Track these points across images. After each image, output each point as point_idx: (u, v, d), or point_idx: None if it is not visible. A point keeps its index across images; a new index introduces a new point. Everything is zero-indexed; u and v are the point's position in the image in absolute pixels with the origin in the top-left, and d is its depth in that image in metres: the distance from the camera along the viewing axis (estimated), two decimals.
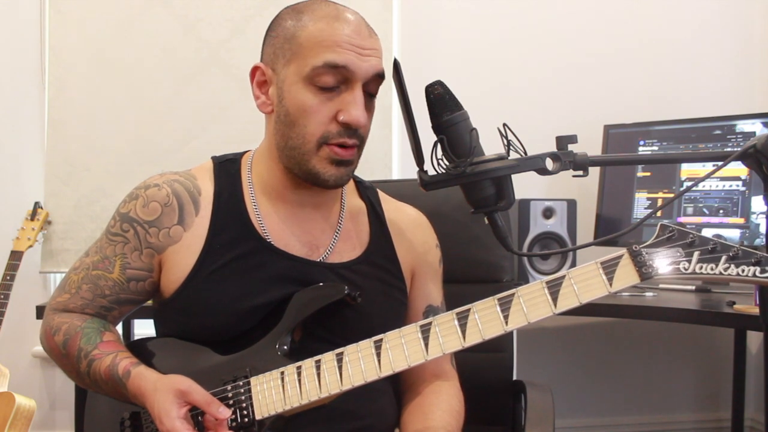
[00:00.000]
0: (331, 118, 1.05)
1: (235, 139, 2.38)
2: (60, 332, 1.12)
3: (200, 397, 0.99)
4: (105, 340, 1.10)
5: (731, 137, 2.14)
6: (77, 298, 1.13)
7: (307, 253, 1.14)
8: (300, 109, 1.06)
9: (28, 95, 2.46)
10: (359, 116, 1.04)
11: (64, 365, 1.13)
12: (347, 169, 1.09)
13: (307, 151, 1.07)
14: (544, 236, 2.25)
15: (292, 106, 1.06)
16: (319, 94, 1.05)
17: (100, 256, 1.13)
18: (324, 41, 1.04)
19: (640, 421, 2.69)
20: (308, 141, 1.06)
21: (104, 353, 1.08)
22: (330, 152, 1.06)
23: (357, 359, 0.98)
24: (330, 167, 1.07)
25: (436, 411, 1.14)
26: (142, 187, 1.14)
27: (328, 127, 1.05)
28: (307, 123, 1.05)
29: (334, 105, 1.05)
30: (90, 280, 1.13)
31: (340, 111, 1.05)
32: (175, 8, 2.44)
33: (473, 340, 0.95)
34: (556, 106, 2.58)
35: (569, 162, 0.98)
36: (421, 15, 2.57)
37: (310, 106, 1.05)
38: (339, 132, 1.05)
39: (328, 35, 1.04)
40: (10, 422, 2.06)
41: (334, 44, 1.04)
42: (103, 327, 1.12)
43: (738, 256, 0.87)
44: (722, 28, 2.66)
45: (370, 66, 1.06)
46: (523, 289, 0.94)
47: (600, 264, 0.92)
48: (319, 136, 1.05)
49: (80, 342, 1.09)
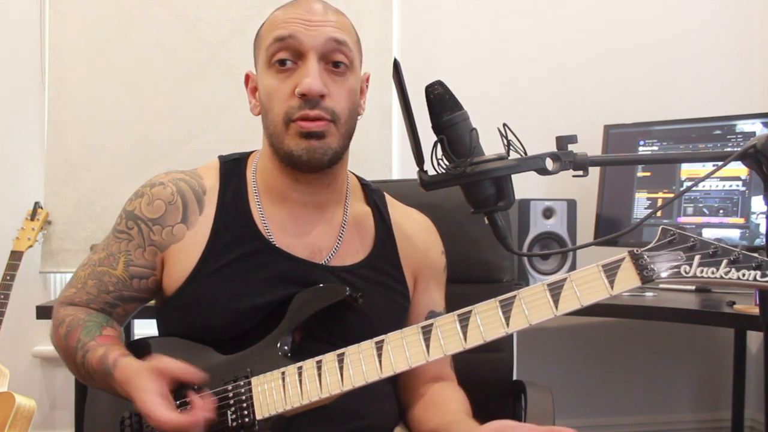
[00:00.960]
0: (290, 94, 1.07)
1: (235, 139, 2.38)
2: (64, 324, 1.13)
3: (174, 366, 0.99)
4: (104, 334, 1.10)
5: (731, 137, 2.14)
6: (83, 293, 1.15)
7: (309, 256, 1.14)
8: (267, 94, 1.09)
9: (28, 95, 2.46)
10: (311, 84, 1.04)
11: (66, 357, 1.14)
12: (320, 143, 1.07)
13: (279, 132, 1.08)
14: (544, 236, 2.25)
15: (263, 94, 1.10)
16: (278, 75, 1.08)
17: (106, 253, 1.15)
18: (274, 22, 1.09)
19: (640, 421, 2.69)
20: (277, 122, 1.08)
21: (99, 345, 1.08)
22: (296, 127, 1.07)
23: (358, 360, 0.98)
24: (300, 141, 1.07)
25: (451, 403, 1.15)
26: (148, 185, 1.15)
27: (289, 103, 1.07)
28: (273, 105, 1.08)
29: (292, 81, 1.07)
30: (95, 276, 1.14)
31: (297, 84, 1.06)
32: (175, 8, 2.44)
33: (474, 341, 0.95)
34: (556, 106, 2.58)
35: (569, 162, 0.98)
36: (421, 15, 2.57)
37: (272, 87, 1.08)
38: (299, 105, 1.06)
39: (279, 17, 1.10)
40: (10, 422, 2.06)
41: (282, 22, 1.08)
42: (105, 322, 1.13)
43: (739, 260, 0.88)
44: (722, 28, 2.66)
45: (320, 33, 1.07)
46: (524, 291, 0.94)
47: (601, 267, 0.92)
48: (284, 114, 1.07)
49: (80, 334, 1.10)
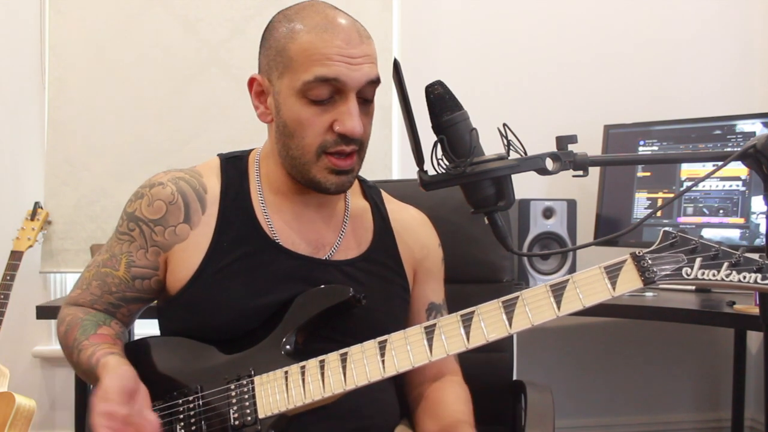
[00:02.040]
0: (326, 128, 1.06)
1: (235, 139, 2.39)
2: (64, 323, 1.14)
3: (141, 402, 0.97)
4: (98, 332, 1.11)
5: (731, 137, 2.14)
6: (87, 293, 1.16)
7: (313, 252, 1.15)
8: (296, 121, 1.06)
9: (28, 95, 2.45)
10: (354, 126, 1.04)
11: (67, 355, 1.15)
12: (348, 177, 1.10)
13: (307, 161, 1.08)
14: (544, 236, 2.25)
15: (289, 118, 1.07)
16: (313, 106, 1.05)
17: (109, 255, 1.16)
18: (313, 55, 1.03)
19: (640, 421, 2.69)
20: (307, 152, 1.07)
21: (90, 344, 1.08)
22: (329, 162, 1.07)
23: (361, 360, 0.99)
24: (330, 176, 1.08)
25: (450, 407, 1.16)
26: (147, 185, 1.15)
27: (324, 137, 1.06)
28: (304, 135, 1.06)
29: (330, 116, 1.06)
30: (99, 277, 1.15)
31: (336, 121, 1.05)
32: (175, 8, 2.44)
33: (477, 342, 0.96)
34: (556, 106, 2.58)
35: (569, 162, 0.98)
36: (421, 15, 2.57)
37: (306, 118, 1.06)
38: (336, 141, 1.06)
39: (317, 48, 1.03)
40: (10, 422, 2.06)
41: (324, 57, 1.03)
42: (102, 321, 1.13)
43: (740, 263, 0.89)
44: (722, 29, 2.66)
45: (362, 74, 1.05)
46: (526, 293, 0.95)
47: (603, 268, 0.93)
48: (317, 146, 1.06)
49: (77, 333, 1.11)
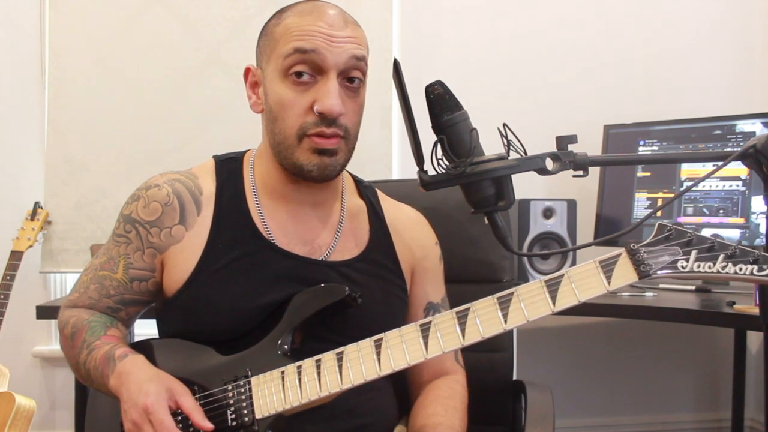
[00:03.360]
0: (307, 109, 1.05)
1: (235, 139, 2.38)
2: (69, 325, 1.15)
3: (189, 403, 1.00)
4: (108, 333, 1.12)
5: (731, 137, 2.14)
6: (85, 297, 1.16)
7: (309, 252, 1.14)
8: (279, 103, 1.07)
9: (28, 95, 2.46)
10: (333, 105, 1.04)
11: (70, 357, 1.15)
12: (331, 159, 1.08)
13: (290, 144, 1.07)
14: (544, 236, 2.25)
15: (273, 101, 1.08)
16: (294, 87, 1.06)
17: (107, 257, 1.16)
18: (294, 31, 1.06)
19: (640, 421, 2.69)
20: (289, 135, 1.07)
21: (105, 343, 1.10)
22: (311, 142, 1.06)
23: (357, 358, 0.98)
24: (312, 156, 1.07)
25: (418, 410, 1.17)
26: (143, 187, 1.15)
27: (305, 118, 1.06)
28: (286, 117, 1.07)
29: (310, 95, 1.05)
30: (97, 280, 1.15)
31: (316, 101, 1.05)
32: (175, 8, 2.44)
33: (473, 338, 0.95)
34: (556, 106, 2.58)
35: (569, 162, 0.98)
36: (421, 15, 2.57)
37: (288, 99, 1.06)
38: (316, 122, 1.05)
39: (298, 25, 1.06)
40: (10, 422, 2.06)
41: (303, 33, 1.05)
42: (110, 323, 1.14)
43: (735, 254, 0.88)
44: (722, 29, 2.66)
45: (342, 51, 1.05)
46: (522, 288, 0.95)
47: (598, 262, 0.93)
48: (298, 128, 1.06)
49: (85, 334, 1.12)
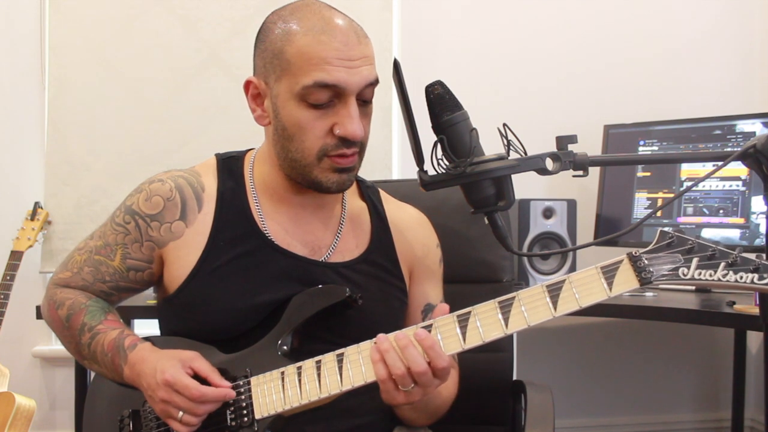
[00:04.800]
0: (327, 131, 1.05)
1: (235, 139, 2.36)
2: (64, 306, 1.15)
3: (204, 366, 1.03)
4: (108, 318, 1.15)
5: (731, 137, 2.14)
6: (78, 278, 1.17)
7: (309, 253, 1.15)
8: (296, 125, 1.06)
9: (28, 95, 2.45)
10: (355, 130, 1.04)
11: (65, 337, 1.17)
12: (349, 175, 1.10)
13: (308, 163, 1.08)
14: (544, 236, 2.25)
15: (288, 122, 1.06)
16: (312, 110, 1.05)
17: (103, 242, 1.16)
18: (312, 59, 1.02)
19: (640, 421, 2.69)
20: (308, 155, 1.07)
21: (109, 328, 1.12)
22: (331, 162, 1.07)
23: (357, 360, 0.98)
24: (332, 175, 1.08)
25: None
26: (147, 182, 1.17)
27: (325, 140, 1.06)
28: (304, 138, 1.06)
29: (330, 119, 1.05)
30: (92, 263, 1.16)
31: (336, 125, 1.05)
32: (175, 8, 2.44)
33: (473, 342, 0.95)
34: (556, 106, 2.58)
35: (569, 162, 0.98)
36: (421, 15, 2.57)
37: (306, 122, 1.05)
38: (337, 144, 1.06)
39: (315, 52, 1.02)
40: (10, 422, 2.06)
41: (323, 61, 1.02)
42: (107, 308, 1.17)
43: (737, 263, 0.88)
44: (722, 29, 2.65)
45: (361, 78, 1.04)
46: (523, 293, 0.95)
47: (600, 268, 0.93)
48: (318, 149, 1.06)
49: (84, 317, 1.13)
